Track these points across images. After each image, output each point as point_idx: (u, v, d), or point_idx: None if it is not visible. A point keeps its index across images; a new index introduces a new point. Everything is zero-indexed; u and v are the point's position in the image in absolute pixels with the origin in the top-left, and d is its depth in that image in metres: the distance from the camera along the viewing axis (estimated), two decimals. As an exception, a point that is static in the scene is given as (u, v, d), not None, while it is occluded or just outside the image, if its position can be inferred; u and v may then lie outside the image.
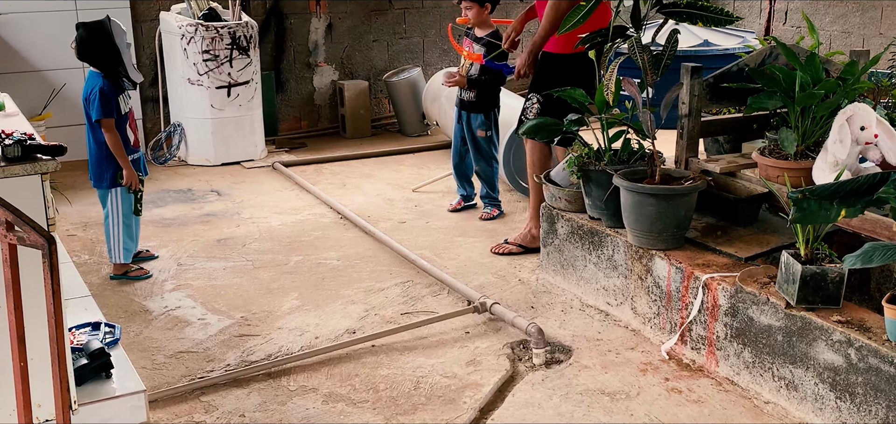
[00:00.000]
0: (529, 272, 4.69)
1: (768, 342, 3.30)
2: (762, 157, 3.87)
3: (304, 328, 4.06)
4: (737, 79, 4.27)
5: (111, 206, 4.60)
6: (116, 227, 4.61)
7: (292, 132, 8.24)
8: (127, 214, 4.61)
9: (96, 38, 4.49)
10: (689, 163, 4.26)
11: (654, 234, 3.80)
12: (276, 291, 4.52)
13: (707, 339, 3.59)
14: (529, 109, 4.80)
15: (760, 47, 4.76)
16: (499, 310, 4.03)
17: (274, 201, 6.14)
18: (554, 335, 3.94)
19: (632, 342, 3.86)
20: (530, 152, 4.88)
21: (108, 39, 4.49)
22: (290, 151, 7.62)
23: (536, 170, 4.84)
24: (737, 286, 3.42)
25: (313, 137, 8.18)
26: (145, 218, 4.82)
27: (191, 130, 7.15)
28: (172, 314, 4.25)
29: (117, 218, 4.61)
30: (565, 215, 4.37)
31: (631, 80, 3.90)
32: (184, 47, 6.91)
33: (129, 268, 4.70)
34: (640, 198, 3.77)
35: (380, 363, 3.72)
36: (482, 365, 3.68)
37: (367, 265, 4.87)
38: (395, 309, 4.26)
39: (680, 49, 7.57)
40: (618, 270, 4.05)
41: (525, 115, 4.82)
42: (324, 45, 8.28)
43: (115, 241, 4.62)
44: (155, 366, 3.72)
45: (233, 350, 3.85)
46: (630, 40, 3.82)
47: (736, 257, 3.70)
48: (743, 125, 4.50)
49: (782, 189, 3.58)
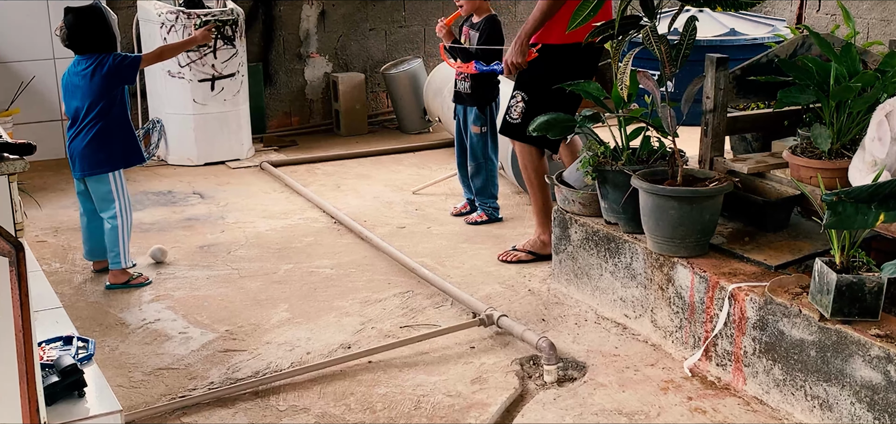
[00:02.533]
0: (540, 282, 4.69)
1: (800, 358, 3.30)
2: (794, 156, 3.86)
3: (294, 343, 4.06)
4: (766, 71, 4.27)
5: (118, 191, 4.62)
6: (126, 219, 4.64)
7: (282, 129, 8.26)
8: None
9: (91, 23, 4.53)
10: (714, 163, 4.26)
11: (676, 240, 3.80)
12: (264, 302, 4.52)
13: (734, 355, 3.59)
14: (514, 107, 4.81)
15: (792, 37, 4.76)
16: (507, 323, 4.03)
17: (262, 205, 6.14)
18: (567, 350, 3.94)
19: (652, 358, 3.86)
20: (521, 154, 4.88)
21: (103, 23, 4.56)
22: (279, 150, 7.63)
23: (530, 172, 4.84)
24: (766, 296, 3.42)
25: (305, 135, 8.19)
26: (122, 222, 4.83)
27: (171, 127, 7.17)
28: (151, 328, 4.26)
29: (127, 206, 4.65)
30: (579, 220, 4.37)
31: (647, 72, 3.90)
32: (163, 37, 6.92)
33: (130, 276, 4.71)
34: (660, 201, 3.77)
35: (377, 380, 3.72)
36: (489, 383, 3.68)
37: (364, 273, 4.87)
38: (394, 322, 4.27)
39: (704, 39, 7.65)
40: (636, 279, 4.05)
41: (509, 114, 4.83)
42: (316, 35, 8.30)
43: (124, 238, 4.65)
44: (132, 384, 3.73)
45: (217, 367, 3.86)
46: (645, 29, 3.82)
47: (765, 265, 3.70)
48: (773, 121, 4.50)
49: (816, 191, 3.58)
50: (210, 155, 7.19)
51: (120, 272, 4.69)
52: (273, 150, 7.65)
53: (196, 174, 6.92)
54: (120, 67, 4.55)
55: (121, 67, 4.56)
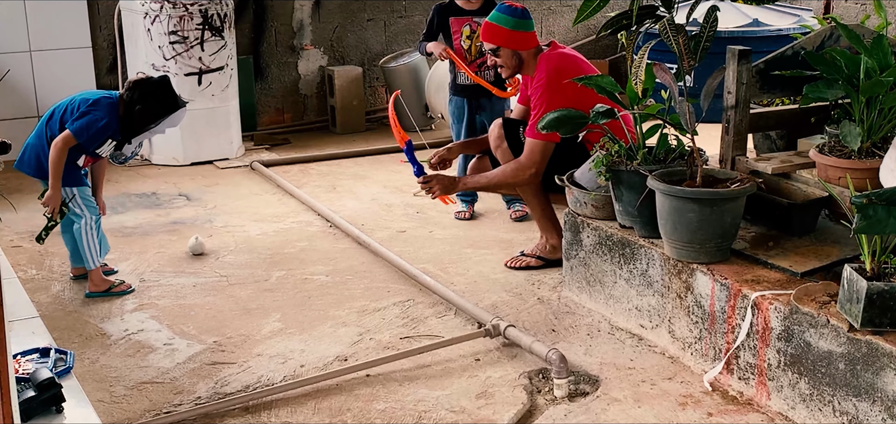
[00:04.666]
0: (550, 290, 4.70)
1: (828, 371, 3.30)
2: (821, 155, 3.87)
3: (287, 355, 4.07)
4: (792, 65, 4.27)
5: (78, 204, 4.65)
6: (88, 223, 4.65)
7: (273, 127, 8.27)
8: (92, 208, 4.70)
9: (159, 97, 4.62)
10: (736, 162, 4.26)
11: (695, 245, 3.81)
12: (254, 311, 4.53)
13: (757, 367, 3.59)
14: None
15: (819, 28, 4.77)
16: (514, 334, 4.04)
17: (252, 207, 6.15)
18: (578, 362, 3.94)
19: (669, 372, 3.86)
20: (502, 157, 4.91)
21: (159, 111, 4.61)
22: (270, 149, 7.65)
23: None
24: (792, 305, 3.42)
25: (298, 133, 8.21)
26: (103, 227, 4.83)
27: (156, 124, 7.18)
28: (134, 339, 4.26)
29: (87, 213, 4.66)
30: (592, 223, 4.38)
31: (664, 65, 3.90)
32: (147, 28, 6.94)
33: (111, 283, 4.72)
34: (678, 203, 3.78)
35: (376, 395, 3.72)
36: (495, 398, 3.69)
37: (361, 281, 4.88)
38: (394, 333, 4.27)
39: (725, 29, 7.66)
40: (653, 287, 4.06)
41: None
42: (310, 25, 8.31)
43: (89, 239, 4.65)
44: (113, 399, 3.74)
45: (204, 381, 3.86)
46: (662, 20, 3.82)
47: (791, 272, 3.70)
48: (798, 118, 4.50)
49: (844, 193, 3.58)
50: (197, 154, 7.21)
51: (100, 280, 4.71)
52: (264, 149, 7.67)
53: (182, 175, 6.93)
54: (73, 111, 4.58)
55: (73, 111, 4.58)
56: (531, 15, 4.84)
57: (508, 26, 4.73)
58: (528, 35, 4.77)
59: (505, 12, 4.77)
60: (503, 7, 4.80)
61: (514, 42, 4.75)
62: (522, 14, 4.77)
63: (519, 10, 4.77)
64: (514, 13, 4.75)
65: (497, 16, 4.77)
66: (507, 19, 4.74)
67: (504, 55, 4.78)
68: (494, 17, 4.78)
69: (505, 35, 4.75)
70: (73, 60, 7.37)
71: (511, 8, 4.78)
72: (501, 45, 4.76)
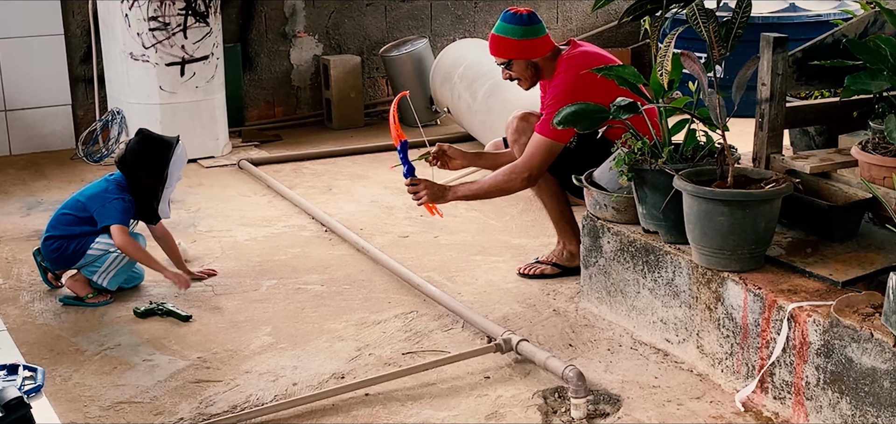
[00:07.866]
0: (567, 300, 4.71)
1: (872, 390, 3.30)
2: (864, 153, 3.87)
3: (278, 373, 4.08)
4: (832, 54, 4.27)
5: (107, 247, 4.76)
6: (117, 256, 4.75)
7: (263, 122, 8.29)
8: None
9: (149, 155, 4.81)
10: (771, 161, 4.27)
11: (726, 252, 3.81)
12: (242, 325, 4.55)
13: (794, 386, 3.59)
14: None
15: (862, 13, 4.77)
16: (527, 349, 4.05)
17: (240, 210, 6.17)
18: (598, 380, 3.95)
19: (698, 390, 3.87)
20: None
21: (160, 167, 4.79)
22: (260, 146, 7.67)
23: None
24: (832, 318, 3.43)
25: (290, 128, 8.23)
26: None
27: (133, 118, 7.19)
28: (110, 355, 4.28)
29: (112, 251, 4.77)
30: (613, 228, 4.39)
31: (692, 54, 3.90)
32: (125, 13, 6.96)
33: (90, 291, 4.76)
34: (708, 206, 3.78)
35: (375, 416, 3.74)
36: (506, 419, 3.70)
37: (360, 291, 4.89)
38: (395, 348, 4.28)
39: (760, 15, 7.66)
40: (680, 297, 4.07)
41: None
42: (304, 11, 8.33)
43: (113, 262, 4.74)
44: (88, 420, 3.75)
45: (187, 400, 3.88)
46: (690, 5, 3.83)
47: (831, 281, 3.70)
48: (839, 113, 4.50)
49: (890, 194, 3.58)
50: (179, 152, 7.22)
51: (82, 285, 4.72)
52: (253, 146, 7.69)
53: (163, 174, 6.95)
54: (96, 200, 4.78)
55: (96, 200, 4.78)
56: (539, 14, 4.77)
57: (516, 36, 4.66)
58: (540, 40, 4.68)
59: (510, 21, 4.69)
60: (507, 15, 4.72)
61: (526, 51, 4.68)
62: (529, 19, 4.69)
63: (525, 16, 4.69)
64: (520, 21, 4.67)
65: (502, 27, 4.70)
66: (514, 28, 4.66)
67: (517, 68, 4.72)
68: (500, 28, 4.71)
69: (514, 46, 4.68)
70: (43, 49, 7.41)
71: (516, 15, 4.70)
72: (513, 57, 4.69)
